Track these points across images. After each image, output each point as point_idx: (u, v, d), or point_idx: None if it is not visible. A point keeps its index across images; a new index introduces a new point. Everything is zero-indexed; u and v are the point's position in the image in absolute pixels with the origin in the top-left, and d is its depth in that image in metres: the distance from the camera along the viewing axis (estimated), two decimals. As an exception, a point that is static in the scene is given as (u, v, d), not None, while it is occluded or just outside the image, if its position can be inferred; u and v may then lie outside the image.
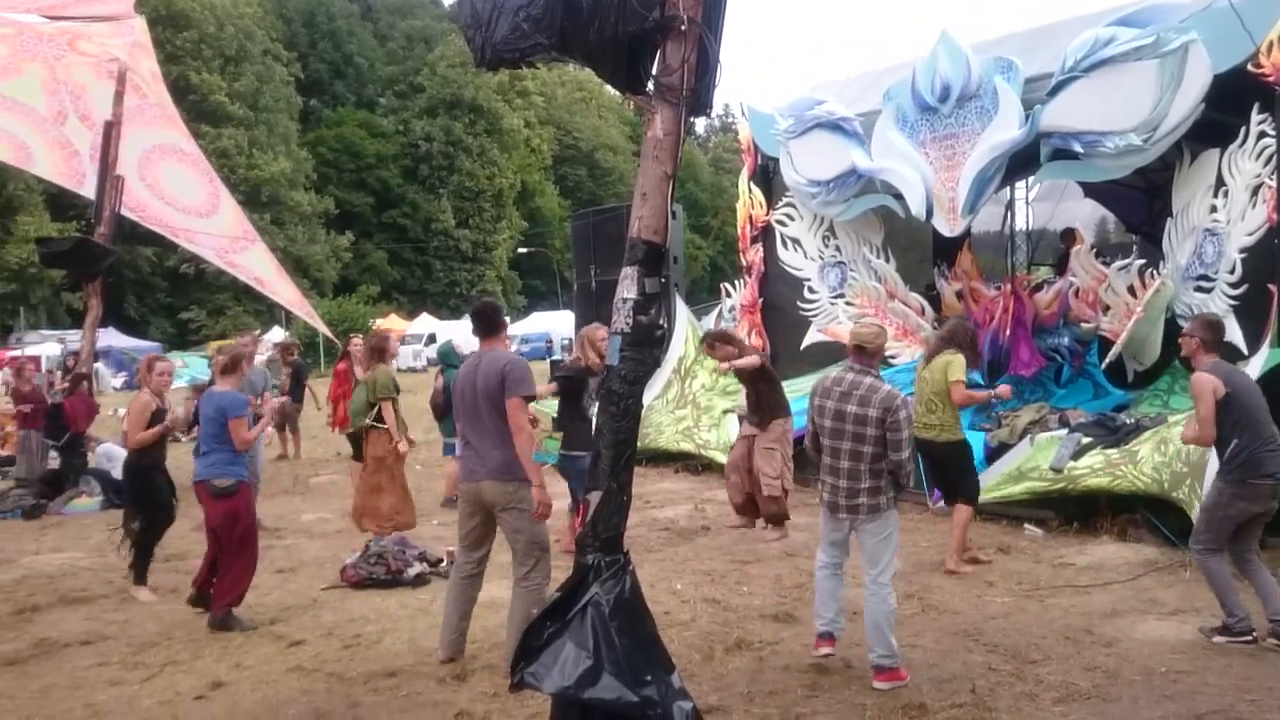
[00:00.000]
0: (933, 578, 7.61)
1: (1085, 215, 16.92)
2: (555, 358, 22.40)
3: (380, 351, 9.47)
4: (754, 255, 14.24)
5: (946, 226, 11.14)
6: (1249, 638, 5.89)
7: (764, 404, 8.88)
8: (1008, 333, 11.55)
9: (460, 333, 35.56)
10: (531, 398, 5.90)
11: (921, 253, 13.70)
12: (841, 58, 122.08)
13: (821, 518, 5.89)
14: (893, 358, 11.93)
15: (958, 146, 10.77)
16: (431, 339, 46.84)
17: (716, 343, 9.36)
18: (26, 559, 9.59)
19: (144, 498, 8.11)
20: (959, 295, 12.55)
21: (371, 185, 68.29)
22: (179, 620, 7.20)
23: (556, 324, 46.61)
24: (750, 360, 8.89)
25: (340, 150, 67.60)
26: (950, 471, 8.15)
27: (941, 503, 9.70)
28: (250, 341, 11.79)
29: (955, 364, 7.73)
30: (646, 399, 10.63)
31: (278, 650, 6.43)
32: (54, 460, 13.23)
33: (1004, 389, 8.68)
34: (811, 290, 13.43)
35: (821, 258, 13.39)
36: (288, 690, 5.71)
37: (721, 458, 12.24)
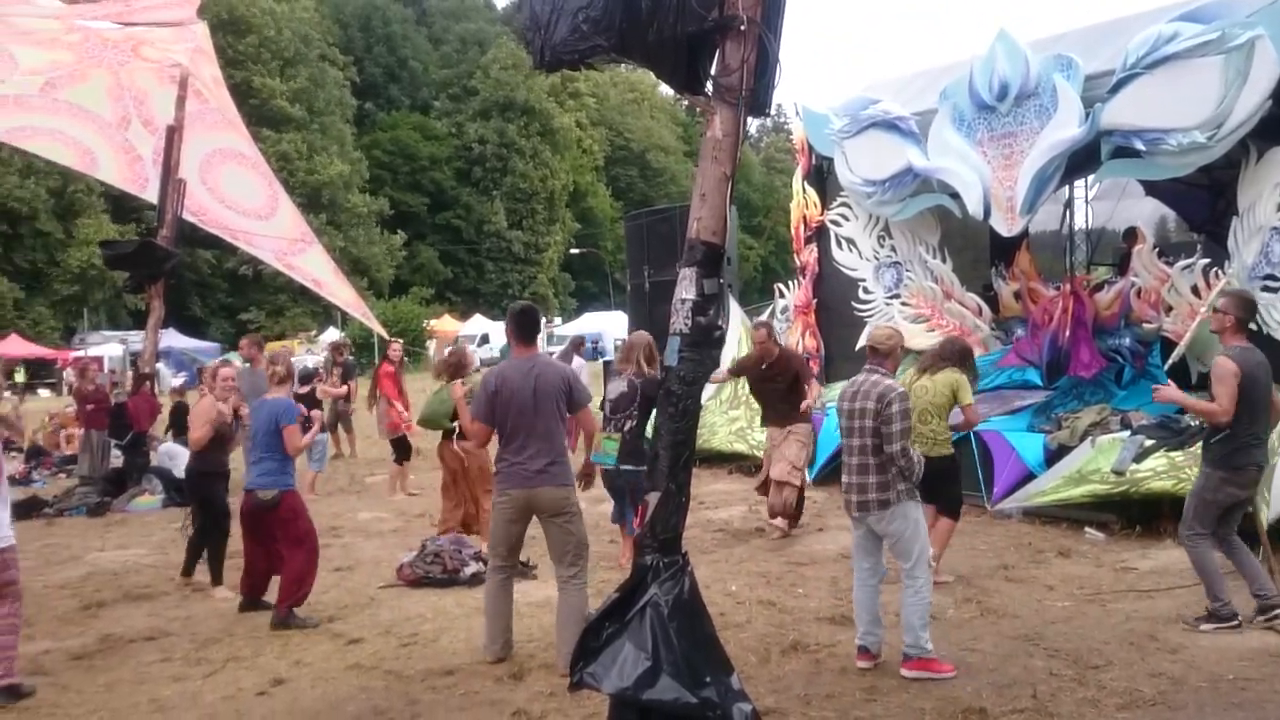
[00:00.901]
0: (991, 581, 7.53)
1: (1146, 214, 16.61)
2: (608, 359, 22.43)
3: (460, 368, 9.37)
4: (808, 256, 14.17)
5: (1004, 226, 11.00)
6: (1235, 622, 6.16)
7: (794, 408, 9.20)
8: (1067, 333, 11.37)
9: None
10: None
11: (978, 253, 13.54)
12: (896, 57, 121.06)
13: (851, 525, 5.98)
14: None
15: (1016, 145, 10.63)
16: (485, 339, 47.22)
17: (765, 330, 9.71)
18: (91, 556, 9.79)
19: (204, 503, 8.27)
20: (1017, 295, 12.39)
21: (426, 187, 68.90)
22: (240, 617, 7.31)
23: (607, 325, 46.67)
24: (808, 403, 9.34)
25: (395, 153, 68.27)
26: (938, 485, 7.52)
27: (999, 505, 9.62)
28: (248, 345, 11.92)
29: (964, 386, 7.49)
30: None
31: (336, 648, 6.51)
32: (117, 459, 13.50)
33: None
34: (866, 291, 13.34)
35: (877, 258, 13.28)
36: (347, 687, 5.77)
37: (776, 459, 12.22)
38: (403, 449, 12.59)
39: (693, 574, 4.34)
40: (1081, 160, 10.48)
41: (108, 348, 41.86)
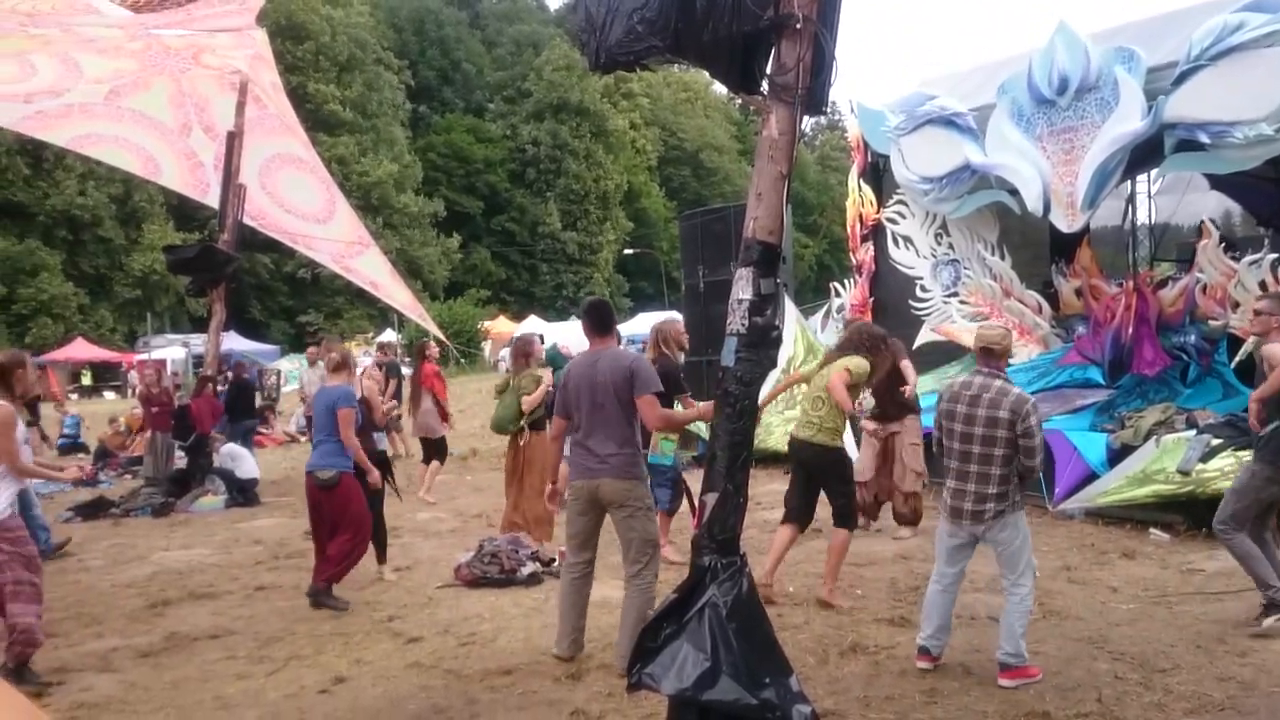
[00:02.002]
0: (1054, 583, 7.41)
1: (1211, 208, 16.28)
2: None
3: (526, 356, 9.45)
4: (864, 254, 14.07)
5: (1065, 222, 10.84)
6: None
7: (897, 400, 8.97)
8: (1130, 331, 11.19)
9: (565, 334, 35.91)
10: (660, 394, 5.93)
11: (1037, 249, 13.35)
12: (953, 52, 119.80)
13: (940, 526, 5.80)
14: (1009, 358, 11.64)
15: (1076, 140, 10.47)
16: (539, 340, 47.34)
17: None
18: (157, 555, 9.96)
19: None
20: (1078, 293, 12.20)
21: (480, 190, 69.35)
22: (301, 616, 7.40)
23: (663, 320, 46.61)
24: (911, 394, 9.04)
25: (449, 156, 68.79)
26: (828, 482, 7.35)
27: (1062, 505, 9.48)
28: (316, 352, 12.05)
29: (855, 363, 7.15)
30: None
31: (396, 647, 6.56)
32: (180, 460, 13.74)
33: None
34: (924, 289, 13.21)
35: (934, 255, 13.16)
36: (407, 686, 5.81)
37: (832, 459, 12.12)
38: (436, 451, 12.61)
39: (751, 575, 4.31)
40: (1144, 154, 10.30)
41: (170, 350, 42.63)
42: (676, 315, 13.00)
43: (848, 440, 9.05)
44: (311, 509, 7.69)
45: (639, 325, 50.35)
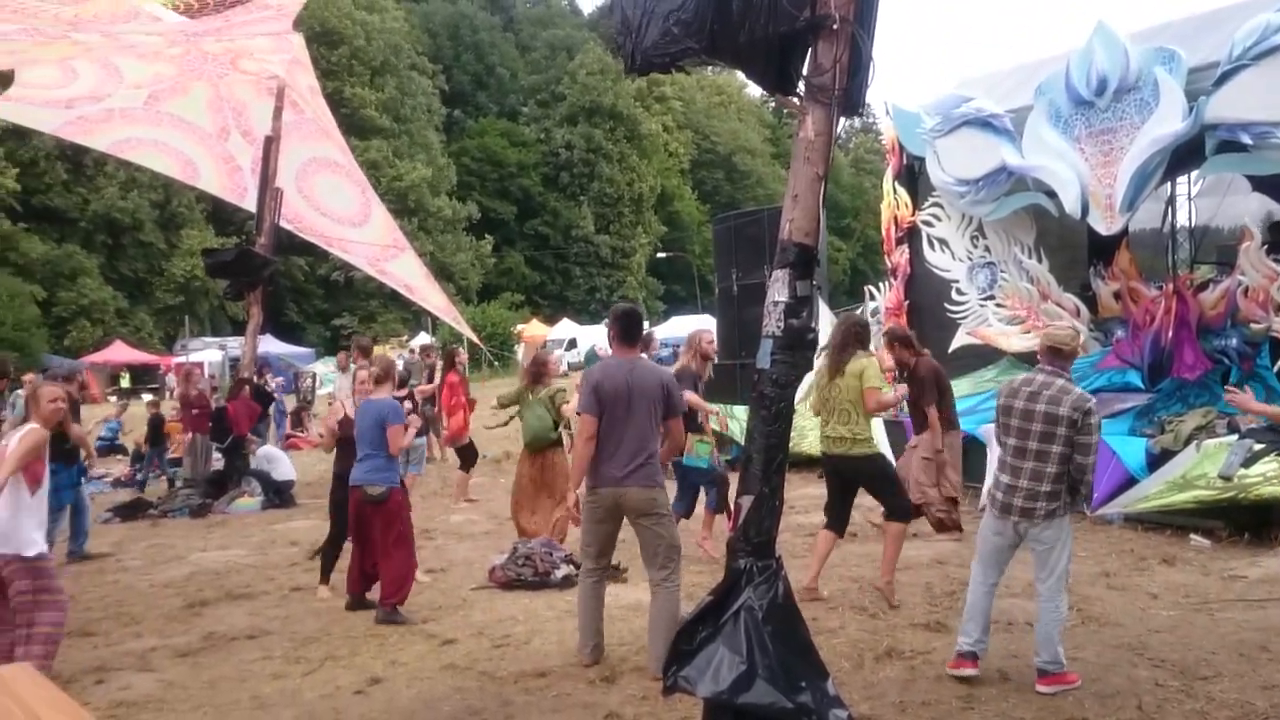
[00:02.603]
0: (1093, 588, 7.33)
1: (1253, 210, 16.07)
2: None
3: (539, 376, 9.45)
4: (899, 257, 13.99)
5: (1103, 225, 10.74)
6: None
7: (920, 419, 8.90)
8: (1170, 334, 11.05)
9: (599, 338, 35.92)
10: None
11: (1075, 252, 13.21)
12: (989, 53, 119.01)
13: (984, 524, 5.72)
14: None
15: (1115, 141, 10.37)
16: (572, 344, 47.49)
17: (896, 344, 9.11)
18: (194, 555, 10.05)
19: (340, 507, 8.44)
20: (1117, 296, 12.07)
21: (513, 194, 69.60)
22: (336, 617, 7.44)
23: (696, 328, 46.65)
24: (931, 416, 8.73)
25: (483, 160, 69.10)
26: (878, 487, 7.32)
27: (1100, 510, 9.38)
28: (344, 357, 12.06)
29: (871, 369, 7.10)
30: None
31: (431, 648, 6.58)
32: (217, 461, 13.86)
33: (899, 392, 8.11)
34: (960, 292, 13.12)
35: (970, 258, 13.07)
36: (442, 688, 5.83)
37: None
38: (468, 456, 12.67)
39: (787, 578, 4.30)
40: (1184, 156, 10.19)
41: (207, 353, 43.08)
42: (708, 322, 12.99)
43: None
44: (355, 522, 7.54)
45: (673, 329, 50.45)
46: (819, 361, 7.43)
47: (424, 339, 42.27)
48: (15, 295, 40.37)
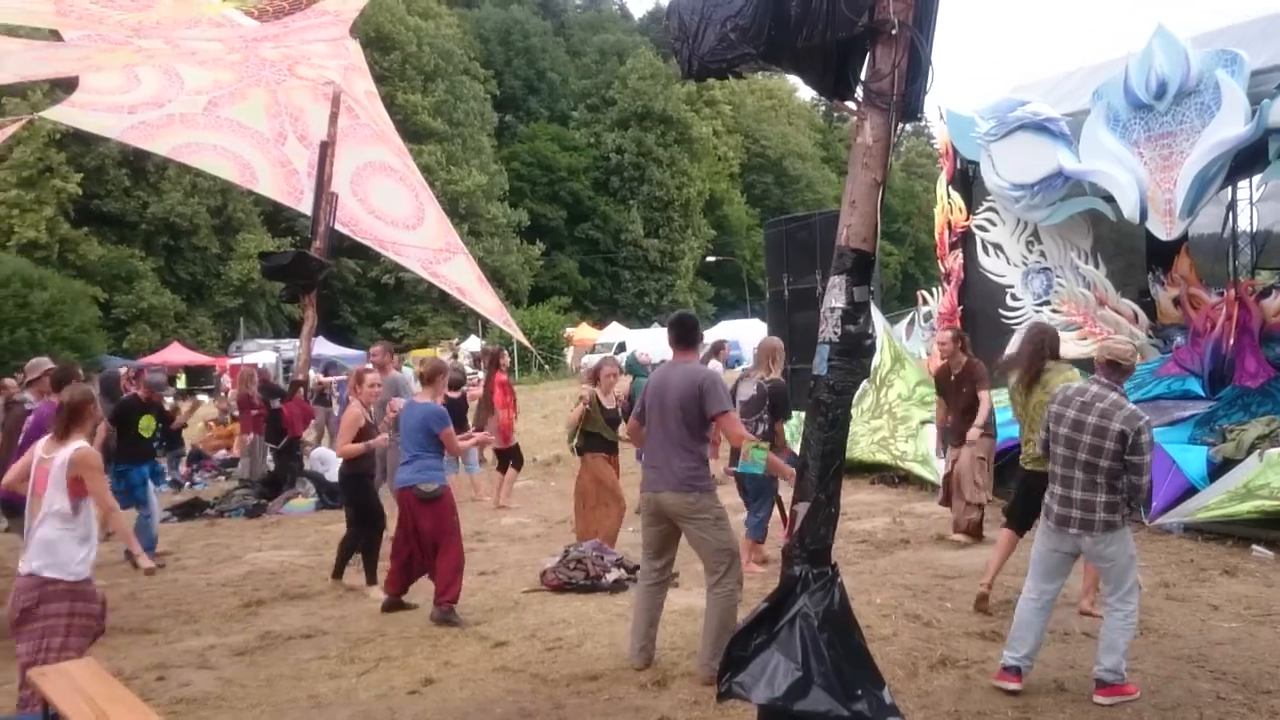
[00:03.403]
0: (1151, 599, 7.20)
1: (1317, 215, 15.77)
2: (748, 365, 22.28)
3: (612, 376, 9.50)
4: (953, 262, 13.88)
5: (1163, 230, 10.59)
6: None
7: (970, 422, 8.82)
8: (1231, 341, 10.87)
9: (647, 342, 35.91)
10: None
11: (1133, 258, 13.05)
12: (1044, 57, 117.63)
13: (1039, 538, 5.65)
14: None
15: (1175, 145, 10.23)
16: (621, 347, 47.51)
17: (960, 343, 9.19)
18: (250, 555, 10.20)
19: (357, 504, 8.59)
20: (1176, 302, 11.89)
21: (564, 199, 69.82)
22: (390, 617, 7.50)
23: (744, 332, 46.47)
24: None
25: (534, 164, 69.38)
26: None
27: (1159, 520, 9.24)
28: (380, 352, 12.07)
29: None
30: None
31: (483, 650, 6.62)
32: (271, 462, 14.04)
33: None
34: (1014, 297, 12.99)
35: (1025, 263, 12.94)
36: (494, 689, 5.86)
37: (920, 469, 12.01)
38: (511, 459, 12.69)
39: (843, 585, 4.28)
40: (1246, 160, 10.03)
41: (261, 355, 43.58)
42: (759, 327, 12.93)
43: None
44: (403, 521, 7.58)
45: (722, 333, 50.32)
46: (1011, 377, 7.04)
47: (474, 342, 42.56)
48: (76, 298, 41.10)
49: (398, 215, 15.24)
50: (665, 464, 5.87)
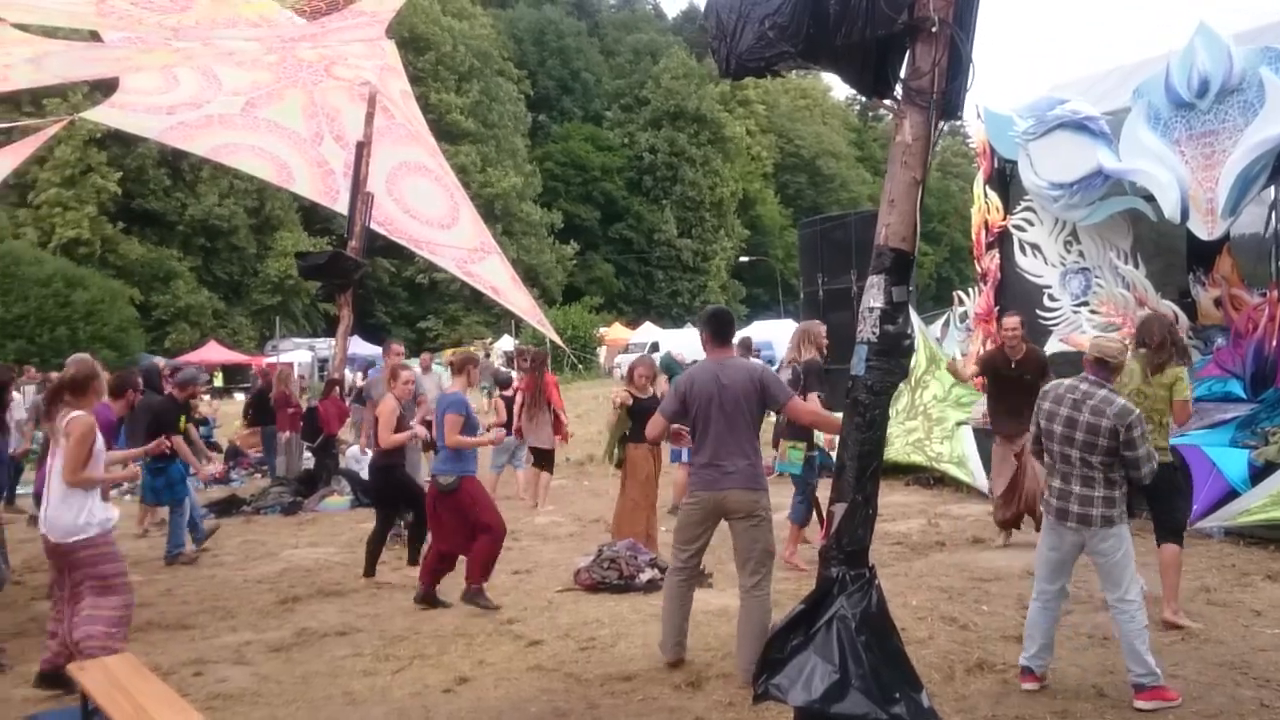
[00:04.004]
0: (1191, 604, 7.11)
1: (1362, 215, 15.50)
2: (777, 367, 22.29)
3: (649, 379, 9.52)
4: (989, 262, 13.76)
5: (1204, 229, 10.44)
6: None
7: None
8: (1274, 343, 10.70)
9: (680, 342, 35.85)
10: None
11: (1173, 258, 12.86)
12: (1083, 55, 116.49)
13: (1043, 534, 5.64)
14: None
15: (1217, 144, 10.08)
16: (654, 347, 47.52)
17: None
18: (286, 552, 10.26)
19: (387, 496, 8.68)
20: (1217, 302, 11.71)
21: (597, 199, 69.97)
22: (425, 615, 7.53)
23: (777, 333, 46.33)
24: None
25: (567, 164, 69.57)
26: (1162, 500, 6.77)
27: (1200, 524, 9.12)
28: (401, 352, 12.12)
29: (1182, 380, 6.68)
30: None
31: (517, 649, 6.62)
32: (308, 460, 14.12)
33: None
34: (1052, 298, 12.86)
35: (1063, 264, 12.80)
36: (529, 688, 5.86)
37: (955, 471, 11.92)
38: (546, 460, 12.70)
39: (880, 587, 4.24)
40: (1291, 159, 9.86)
41: (296, 354, 43.96)
42: (792, 327, 12.85)
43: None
44: (432, 517, 7.77)
45: (754, 333, 50.10)
46: (1130, 362, 6.62)
47: (507, 342, 42.67)
48: (115, 297, 41.65)
49: (433, 215, 15.30)
50: (733, 462, 5.76)
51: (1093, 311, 12.40)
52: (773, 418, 8.07)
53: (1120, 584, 5.33)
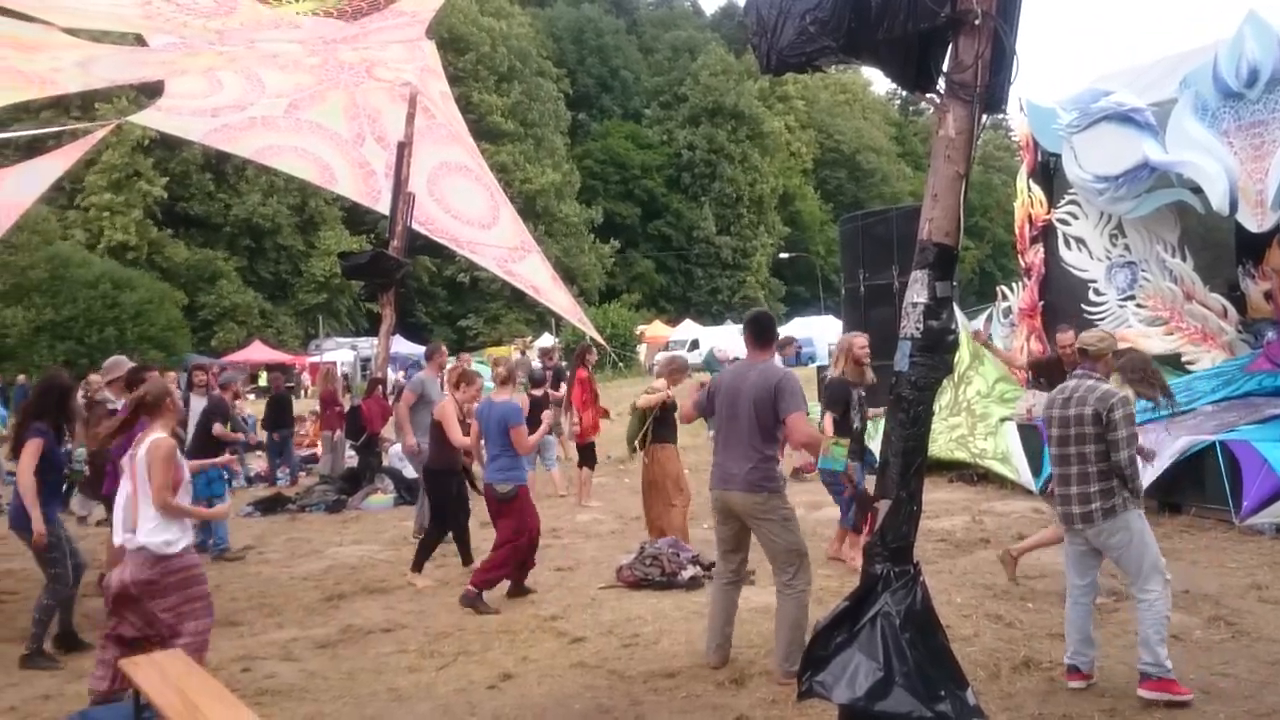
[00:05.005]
0: (1242, 601, 7.01)
1: None
2: (821, 364, 22.24)
3: (682, 373, 9.52)
4: (1033, 256, 13.64)
5: (1254, 221, 10.29)
6: None
7: None
8: (1326, 336, 10.54)
9: (722, 339, 35.80)
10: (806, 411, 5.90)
11: (1221, 250, 12.67)
12: (1128, 47, 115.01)
13: (1066, 535, 5.67)
14: (1190, 363, 11.13)
15: (1267, 134, 9.94)
16: (695, 344, 47.48)
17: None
18: (331, 550, 10.35)
19: (439, 498, 8.74)
20: (1268, 296, 11.53)
21: (637, 196, 69.99)
22: (468, 612, 7.56)
23: (817, 329, 46.10)
24: None
25: (607, 162, 69.66)
26: None
27: (1250, 520, 8.98)
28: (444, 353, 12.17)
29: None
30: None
31: (561, 646, 6.64)
32: (352, 459, 14.24)
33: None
34: (1098, 292, 12.72)
35: (1109, 258, 12.66)
36: (572, 685, 5.88)
37: (999, 467, 11.82)
38: (587, 455, 12.73)
39: (925, 584, 4.22)
40: (1344, 148, 9.69)
41: (339, 354, 44.35)
42: (833, 324, 12.79)
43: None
44: (494, 518, 7.92)
45: (794, 330, 50.02)
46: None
47: (547, 340, 42.79)
48: (163, 298, 42.26)
49: (473, 214, 15.38)
50: (735, 464, 5.85)
51: (1139, 305, 12.26)
52: None
53: (1140, 571, 5.32)
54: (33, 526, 6.60)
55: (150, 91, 16.26)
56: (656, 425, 9.04)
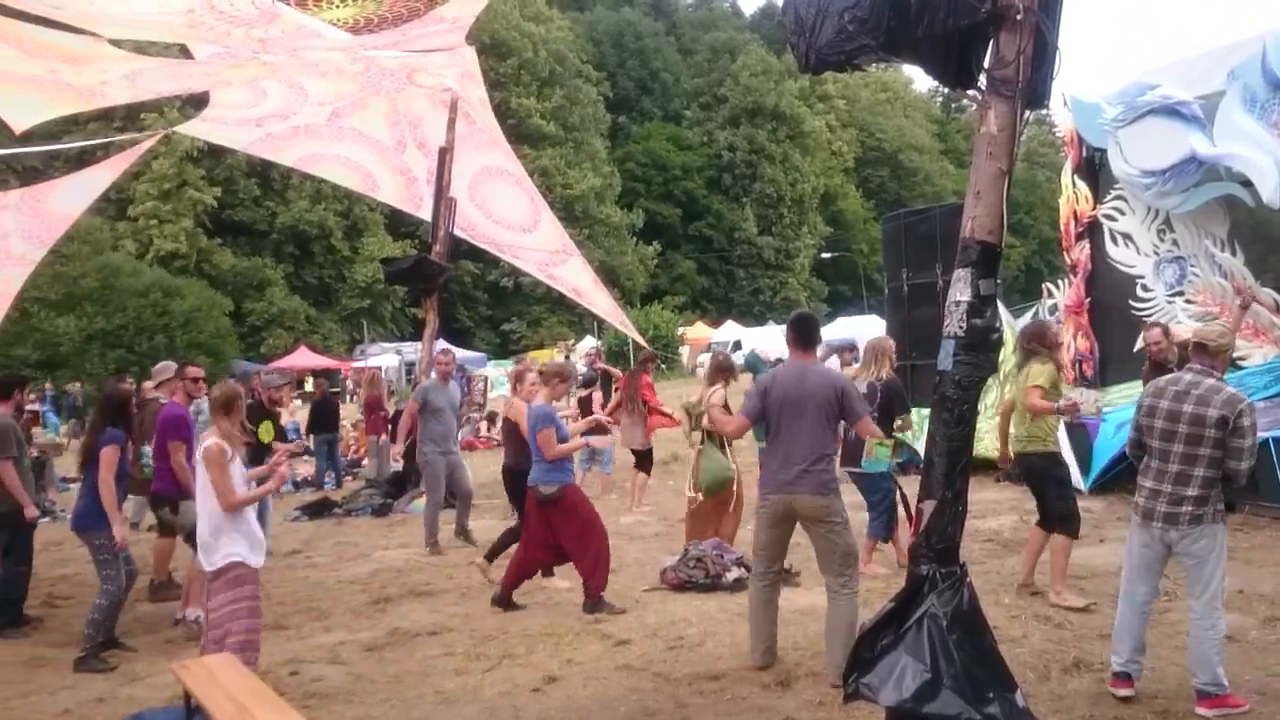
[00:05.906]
0: (1296, 603, 6.89)
1: None
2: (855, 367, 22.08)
3: (728, 371, 9.35)
4: (1079, 253, 13.47)
5: (1305, 214, 10.10)
6: None
7: None
8: (1382, 331, 10.32)
9: (763, 340, 35.65)
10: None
11: (1273, 244, 12.45)
12: (1173, 40, 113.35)
13: (1131, 535, 5.43)
14: (1242, 359, 10.94)
15: (1318, 126, 9.75)
16: (737, 345, 47.34)
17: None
18: (378, 554, 10.43)
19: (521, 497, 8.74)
20: (1320, 290, 11.33)
21: (678, 197, 70.00)
22: (514, 615, 7.61)
23: (860, 329, 45.76)
24: None
25: (647, 164, 69.71)
26: (1041, 491, 7.55)
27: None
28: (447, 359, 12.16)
29: (1035, 370, 7.22)
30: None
31: (605, 648, 6.65)
32: (398, 463, 14.32)
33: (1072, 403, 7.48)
34: (1145, 288, 12.54)
35: (1156, 253, 12.48)
36: (618, 688, 5.89)
37: (1046, 467, 11.65)
38: (646, 460, 12.72)
39: (972, 585, 4.18)
40: (1395, 139, 9.49)
41: (384, 358, 44.67)
42: (877, 323, 12.70)
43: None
44: (530, 524, 7.84)
45: (838, 330, 49.67)
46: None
47: (590, 343, 42.85)
48: (212, 305, 42.84)
49: (515, 219, 15.41)
50: (804, 467, 5.78)
51: (1188, 301, 12.07)
52: None
53: (1208, 587, 5.13)
54: (113, 531, 6.97)
55: (196, 102, 16.46)
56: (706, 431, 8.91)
